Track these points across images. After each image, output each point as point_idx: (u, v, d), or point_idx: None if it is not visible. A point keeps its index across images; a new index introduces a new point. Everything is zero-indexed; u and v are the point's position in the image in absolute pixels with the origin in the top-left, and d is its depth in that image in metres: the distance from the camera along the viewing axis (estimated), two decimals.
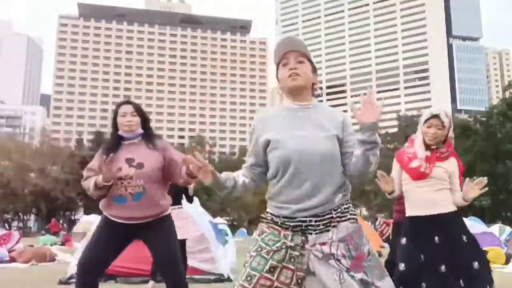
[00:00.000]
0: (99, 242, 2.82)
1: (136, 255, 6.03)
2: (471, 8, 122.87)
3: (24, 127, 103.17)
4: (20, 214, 48.93)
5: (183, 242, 5.72)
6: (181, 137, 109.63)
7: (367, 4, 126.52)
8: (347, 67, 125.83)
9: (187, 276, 6.06)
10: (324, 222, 1.81)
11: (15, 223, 51.08)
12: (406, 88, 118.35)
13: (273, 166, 1.87)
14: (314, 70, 1.97)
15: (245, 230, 45.05)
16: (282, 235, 1.81)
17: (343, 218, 1.84)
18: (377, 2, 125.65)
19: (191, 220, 6.39)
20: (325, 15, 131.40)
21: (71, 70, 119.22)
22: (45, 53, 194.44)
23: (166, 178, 2.90)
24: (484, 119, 42.94)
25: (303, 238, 1.80)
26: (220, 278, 6.18)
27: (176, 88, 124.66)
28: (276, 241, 1.80)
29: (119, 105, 2.98)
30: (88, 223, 15.91)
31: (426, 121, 3.03)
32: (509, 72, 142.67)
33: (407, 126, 55.05)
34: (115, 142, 2.87)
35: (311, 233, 1.80)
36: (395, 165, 3.18)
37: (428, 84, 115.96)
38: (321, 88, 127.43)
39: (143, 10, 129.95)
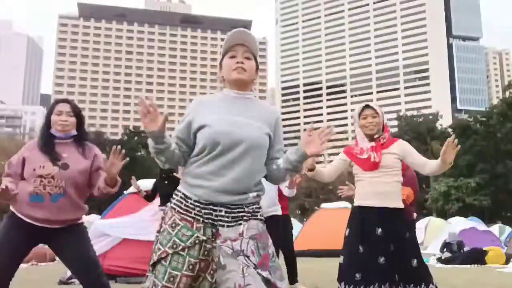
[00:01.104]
0: (8, 245, 2.60)
1: (136, 255, 6.05)
2: (471, 8, 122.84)
3: (24, 127, 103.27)
4: None
5: None
6: None
7: (367, 4, 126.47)
8: (347, 67, 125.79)
9: None
10: (234, 215, 1.83)
11: None
12: (406, 88, 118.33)
13: (199, 144, 1.87)
14: (257, 69, 2.03)
15: None
16: (194, 227, 1.81)
17: (254, 216, 1.87)
18: (377, 2, 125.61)
19: None
20: (325, 15, 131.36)
21: (71, 70, 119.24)
22: (45, 53, 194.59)
23: (87, 186, 2.78)
24: (484, 119, 42.96)
25: (214, 230, 1.81)
26: None
27: (176, 88, 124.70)
28: (189, 236, 1.80)
29: (56, 102, 2.84)
30: (87, 223, 15.88)
31: (360, 114, 3.15)
32: (509, 72, 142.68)
33: (407, 126, 55.08)
34: (45, 140, 2.74)
35: (222, 225, 1.81)
36: (341, 156, 3.22)
37: (428, 84, 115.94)
38: (321, 88, 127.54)
39: (143, 10, 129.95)
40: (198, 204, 1.83)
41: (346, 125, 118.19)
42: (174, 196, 1.91)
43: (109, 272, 6.16)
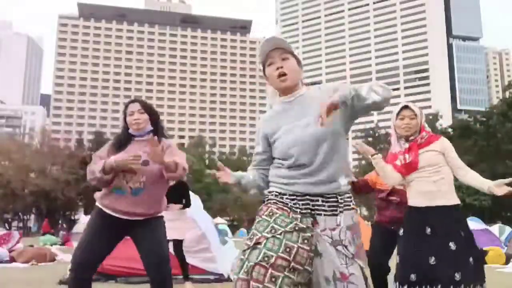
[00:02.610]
0: (92, 238, 2.81)
1: (136, 255, 6.03)
2: (471, 8, 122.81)
3: (24, 127, 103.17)
4: (20, 214, 48.88)
5: (180, 242, 5.72)
6: (181, 137, 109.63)
7: (367, 4, 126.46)
8: (347, 67, 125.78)
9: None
10: (330, 204, 1.91)
11: (15, 223, 51.04)
12: (406, 88, 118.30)
13: (276, 154, 2.02)
14: (299, 62, 2.10)
15: (245, 230, 45.01)
16: (291, 217, 1.88)
17: (347, 207, 1.94)
18: (377, 2, 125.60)
19: (191, 220, 6.39)
20: (325, 15, 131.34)
21: (71, 70, 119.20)
22: (45, 53, 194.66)
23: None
24: (484, 119, 42.94)
25: (312, 219, 1.88)
26: (220, 278, 6.18)
27: (176, 88, 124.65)
28: (288, 223, 1.85)
29: (127, 104, 2.99)
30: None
31: (398, 114, 3.07)
32: (509, 72, 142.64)
33: None
34: (125, 139, 2.90)
35: (320, 214, 1.89)
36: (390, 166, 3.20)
37: (428, 84, 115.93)
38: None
39: (143, 10, 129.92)
40: (295, 197, 1.91)
41: None
42: (267, 196, 2.03)
43: (109, 272, 6.17)
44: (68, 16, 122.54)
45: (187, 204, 5.78)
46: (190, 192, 7.38)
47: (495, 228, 14.81)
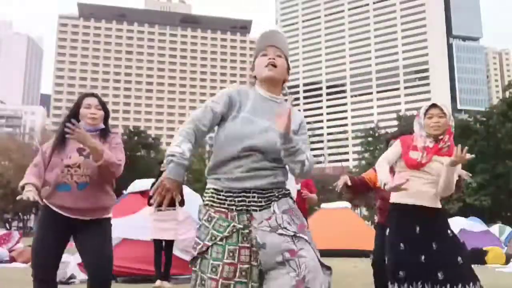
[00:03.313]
0: (45, 239, 2.73)
1: (136, 255, 6.05)
2: (471, 8, 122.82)
3: (24, 127, 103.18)
4: (20, 214, 48.91)
5: (171, 243, 5.72)
6: None
7: (367, 4, 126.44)
8: (347, 67, 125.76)
9: (187, 276, 6.08)
10: (265, 198, 1.90)
11: (15, 223, 51.06)
12: (406, 88, 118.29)
13: (228, 140, 1.92)
14: (288, 69, 2.08)
15: None
16: (229, 217, 1.87)
17: (282, 195, 1.94)
18: (377, 2, 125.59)
19: (191, 220, 6.39)
20: (325, 15, 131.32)
21: (71, 70, 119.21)
22: (45, 53, 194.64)
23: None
24: (484, 119, 42.94)
25: (248, 215, 1.88)
26: None
27: (176, 88, 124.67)
28: (226, 226, 1.86)
29: (83, 96, 2.94)
30: None
31: (426, 112, 3.00)
32: (509, 72, 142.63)
33: (407, 126, 55.09)
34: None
35: (255, 210, 1.88)
36: (396, 147, 3.08)
37: (428, 84, 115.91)
38: (321, 88, 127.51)
39: (143, 10, 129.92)
40: (231, 194, 1.89)
41: (346, 125, 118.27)
42: (204, 194, 1.98)
43: None
44: (68, 16, 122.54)
45: (181, 203, 5.75)
46: (191, 191, 7.38)
47: (495, 228, 14.81)
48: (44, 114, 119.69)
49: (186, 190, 6.85)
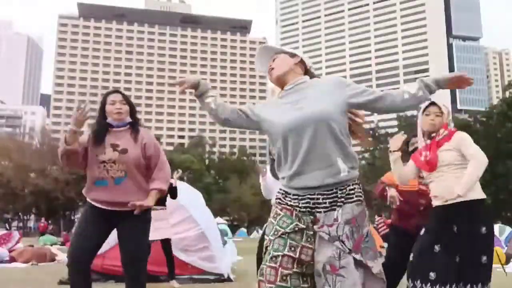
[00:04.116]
0: (85, 229, 2.86)
1: None
2: (471, 8, 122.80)
3: (24, 127, 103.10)
4: (20, 214, 48.89)
5: (167, 241, 5.71)
6: (181, 137, 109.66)
7: (367, 4, 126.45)
8: (347, 67, 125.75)
9: (187, 276, 6.09)
10: (331, 200, 1.92)
11: (15, 223, 51.05)
12: None
13: (275, 144, 2.05)
14: (292, 55, 2.20)
15: (245, 230, 45.03)
16: (294, 215, 1.94)
17: (349, 200, 1.94)
18: (377, 2, 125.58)
19: (191, 219, 6.39)
20: (325, 15, 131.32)
21: (71, 70, 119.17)
22: (45, 53, 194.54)
23: (146, 169, 2.94)
24: (484, 119, 42.97)
25: (312, 217, 1.93)
26: (220, 278, 6.17)
27: (176, 88, 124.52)
28: (289, 223, 1.92)
29: (108, 93, 3.03)
30: None
31: (424, 110, 3.06)
32: (509, 72, 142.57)
33: (407, 126, 55.08)
34: (103, 129, 2.92)
35: (320, 212, 1.92)
36: (409, 162, 3.17)
37: None
38: None
39: (143, 10, 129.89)
40: (297, 196, 1.95)
41: None
42: (276, 194, 2.06)
43: (109, 272, 6.16)
44: (68, 16, 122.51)
45: (173, 195, 5.74)
46: (193, 189, 7.37)
47: (495, 228, 14.79)
48: (44, 114, 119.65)
49: (183, 185, 6.82)
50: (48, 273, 7.13)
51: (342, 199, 1.92)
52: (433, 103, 3.03)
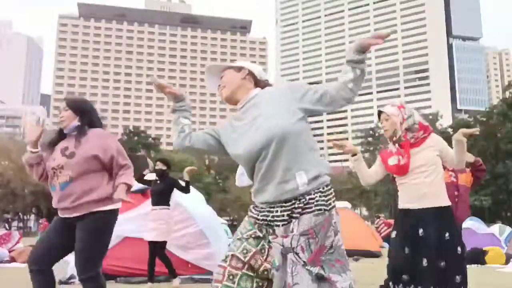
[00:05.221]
0: (48, 234, 2.89)
1: (136, 255, 6.05)
2: (471, 8, 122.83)
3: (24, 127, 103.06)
4: (20, 214, 48.91)
5: (163, 244, 5.70)
6: None
7: (367, 4, 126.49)
8: None
9: (187, 276, 6.09)
10: (288, 212, 1.83)
11: (15, 223, 51.06)
12: (406, 88, 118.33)
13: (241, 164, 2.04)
14: (238, 69, 2.10)
15: None
16: (256, 224, 1.91)
17: (307, 210, 1.81)
18: (377, 2, 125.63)
19: (189, 217, 6.39)
20: (325, 15, 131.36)
21: (71, 70, 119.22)
22: (45, 53, 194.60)
23: (105, 170, 2.90)
24: (484, 119, 42.99)
25: (271, 230, 1.87)
26: None
27: (176, 88, 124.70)
28: (248, 229, 1.90)
29: None
30: None
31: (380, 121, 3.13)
32: (509, 72, 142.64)
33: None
34: (58, 136, 2.96)
35: (278, 225, 1.84)
36: (378, 160, 3.19)
37: (428, 84, 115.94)
38: None
39: (143, 10, 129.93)
40: (259, 209, 1.91)
41: (346, 125, 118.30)
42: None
43: (109, 272, 6.16)
44: (68, 16, 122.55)
45: (185, 191, 5.75)
46: (193, 189, 7.37)
47: (495, 228, 14.80)
48: (44, 114, 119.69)
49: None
50: None
51: (299, 210, 1.81)
52: (380, 112, 3.10)
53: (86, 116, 2.97)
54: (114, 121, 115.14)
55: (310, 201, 1.82)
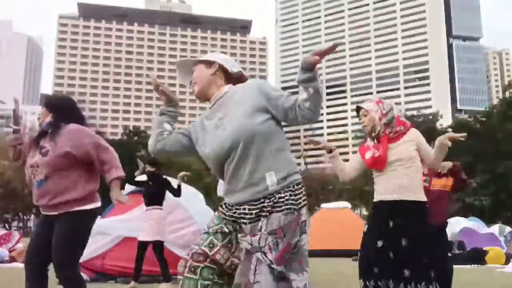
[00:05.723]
0: (36, 231, 2.97)
1: (135, 255, 6.04)
2: (471, 8, 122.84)
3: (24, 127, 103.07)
4: (20, 214, 48.92)
5: (160, 244, 5.69)
6: None
7: (367, 4, 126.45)
8: (347, 67, 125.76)
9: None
10: (257, 211, 1.81)
11: (15, 223, 51.06)
12: (406, 88, 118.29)
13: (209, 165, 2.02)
14: (209, 64, 2.04)
15: None
16: (224, 220, 1.90)
17: (276, 209, 1.79)
18: (377, 2, 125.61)
19: (188, 216, 6.39)
20: (325, 15, 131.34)
21: (71, 70, 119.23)
22: (45, 53, 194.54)
23: (81, 167, 2.83)
24: (484, 119, 42.98)
25: (238, 227, 1.86)
26: None
27: (176, 88, 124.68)
28: (216, 224, 1.90)
29: None
30: None
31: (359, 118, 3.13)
32: (509, 72, 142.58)
33: None
34: (40, 133, 2.96)
35: (245, 223, 1.83)
36: (357, 156, 3.18)
37: (428, 84, 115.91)
38: None
39: (143, 10, 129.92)
40: (229, 206, 1.90)
41: (346, 125, 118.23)
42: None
43: (109, 272, 6.17)
44: (68, 16, 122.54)
45: (176, 194, 5.74)
46: (192, 189, 7.35)
47: (495, 228, 14.83)
48: None
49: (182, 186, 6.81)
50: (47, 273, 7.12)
51: (269, 208, 1.78)
52: (359, 108, 3.10)
53: (61, 113, 2.94)
54: (114, 121, 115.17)
55: (280, 200, 1.79)
